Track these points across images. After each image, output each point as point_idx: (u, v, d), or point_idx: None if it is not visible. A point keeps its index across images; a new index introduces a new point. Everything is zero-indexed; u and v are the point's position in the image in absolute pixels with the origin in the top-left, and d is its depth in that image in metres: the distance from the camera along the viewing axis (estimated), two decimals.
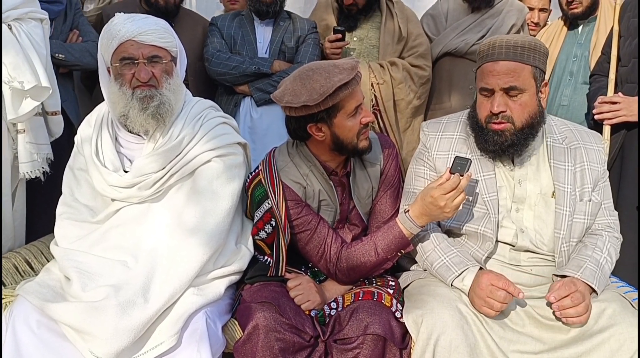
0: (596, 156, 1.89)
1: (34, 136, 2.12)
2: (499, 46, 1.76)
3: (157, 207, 1.88)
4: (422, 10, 3.31)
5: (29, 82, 1.95)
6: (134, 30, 1.79)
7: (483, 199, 1.83)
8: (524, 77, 1.74)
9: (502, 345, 1.65)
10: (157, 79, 1.84)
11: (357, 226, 2.01)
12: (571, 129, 1.93)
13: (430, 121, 2.06)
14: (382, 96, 2.89)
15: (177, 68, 1.94)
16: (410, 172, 2.02)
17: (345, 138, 1.83)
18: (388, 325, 1.69)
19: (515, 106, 1.75)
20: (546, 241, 1.81)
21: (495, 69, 1.75)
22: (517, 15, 3.02)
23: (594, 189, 1.86)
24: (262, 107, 2.84)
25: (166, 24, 1.92)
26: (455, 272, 1.75)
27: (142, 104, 1.81)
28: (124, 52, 1.81)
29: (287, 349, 1.66)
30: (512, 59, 1.74)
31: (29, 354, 1.58)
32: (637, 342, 1.59)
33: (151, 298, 1.66)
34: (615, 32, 2.56)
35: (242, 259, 1.92)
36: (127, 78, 1.82)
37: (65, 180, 1.98)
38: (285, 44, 2.87)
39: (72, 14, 2.76)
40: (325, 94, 1.72)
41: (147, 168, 1.84)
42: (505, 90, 1.74)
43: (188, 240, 1.78)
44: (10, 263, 1.92)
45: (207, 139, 1.90)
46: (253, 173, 1.96)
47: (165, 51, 1.87)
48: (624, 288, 1.92)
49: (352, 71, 1.76)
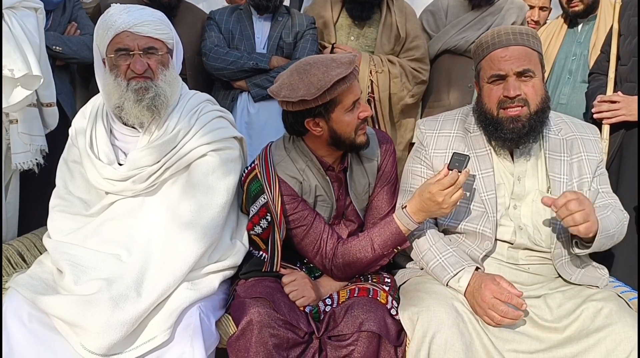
0: (593, 146, 1.89)
1: (27, 127, 2.11)
2: (505, 33, 1.77)
3: (152, 201, 1.87)
4: (421, 7, 3.31)
5: (19, 71, 1.95)
6: (129, 22, 1.78)
7: (481, 198, 1.82)
8: (534, 61, 1.77)
9: (498, 344, 1.64)
10: (153, 70, 1.82)
11: (353, 222, 2.00)
12: (566, 121, 1.93)
13: (427, 119, 2.05)
14: (379, 85, 2.88)
15: (174, 60, 1.92)
16: (407, 170, 2.01)
17: (343, 133, 1.82)
18: (383, 322, 1.68)
19: (528, 89, 1.76)
20: (544, 237, 1.80)
21: (506, 54, 1.75)
22: (517, 13, 3.03)
23: (592, 180, 1.85)
24: (260, 102, 2.84)
25: (162, 16, 1.90)
26: (450, 273, 1.74)
27: (137, 95, 1.79)
28: (120, 43, 1.79)
29: (281, 345, 1.65)
30: (522, 44, 1.76)
31: (20, 347, 1.57)
32: (632, 341, 1.59)
33: (144, 292, 1.65)
34: (615, 31, 2.55)
35: (237, 254, 1.91)
36: (122, 69, 1.80)
37: (59, 173, 1.96)
38: (284, 39, 2.86)
39: (70, 6, 2.76)
40: (323, 88, 1.71)
41: (142, 161, 1.83)
42: (518, 74, 1.75)
43: (182, 234, 1.77)
44: (3, 256, 1.90)
45: (202, 133, 1.89)
46: (249, 167, 1.95)
47: (162, 42, 1.85)
48: (620, 288, 1.91)
49: (350, 65, 1.75)
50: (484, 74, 1.81)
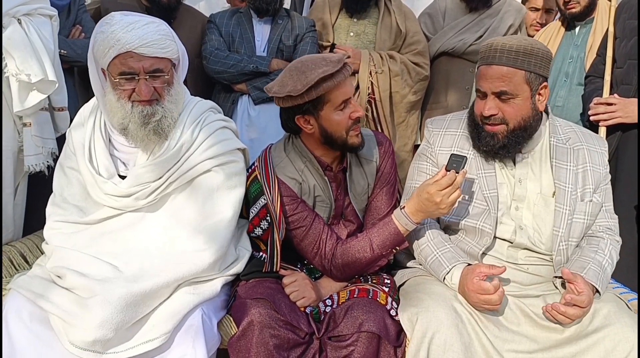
0: (599, 159, 1.90)
1: (40, 130, 2.15)
2: (494, 49, 1.76)
3: (152, 216, 1.83)
4: (420, 9, 3.32)
5: (35, 76, 1.99)
6: (134, 42, 1.66)
7: (483, 194, 1.84)
8: (515, 83, 1.74)
9: (497, 344, 1.65)
10: (159, 93, 1.75)
11: (352, 223, 2.01)
12: (575, 131, 1.94)
13: (435, 118, 2.07)
14: (379, 85, 2.89)
15: (179, 73, 1.85)
16: (413, 168, 2.04)
17: (333, 132, 1.83)
18: (383, 323, 1.69)
19: (508, 109, 1.76)
20: (544, 240, 1.81)
21: (488, 72, 1.76)
22: (515, 16, 3.03)
23: (595, 191, 1.86)
24: (260, 105, 2.84)
25: (166, 29, 1.78)
26: (446, 268, 1.76)
27: (143, 119, 1.73)
28: (124, 65, 1.69)
29: (281, 345, 1.66)
30: (505, 64, 1.73)
31: (22, 347, 1.57)
32: (631, 342, 1.60)
33: (139, 280, 1.64)
34: (611, 34, 2.57)
35: (241, 261, 1.91)
36: (126, 92, 1.72)
37: (56, 178, 1.92)
38: (284, 42, 2.88)
39: (75, 9, 2.75)
40: (307, 84, 1.73)
41: (145, 177, 1.79)
42: (496, 94, 1.76)
43: (187, 256, 1.75)
44: (5, 257, 1.92)
45: (206, 146, 1.85)
46: (249, 169, 1.96)
47: (167, 60, 1.76)
48: (619, 289, 1.92)
49: (338, 63, 1.77)
50: (475, 84, 1.85)
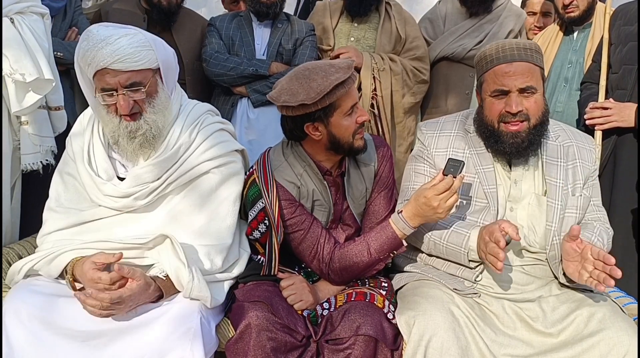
0: (588, 155, 1.92)
1: (37, 129, 2.14)
2: (510, 48, 1.79)
3: (149, 215, 1.85)
4: (420, 14, 3.32)
5: (30, 75, 1.97)
6: (107, 59, 1.66)
7: (484, 191, 1.85)
8: (536, 77, 1.78)
9: (494, 348, 1.66)
10: (140, 105, 1.76)
11: (350, 227, 2.01)
12: (564, 129, 1.96)
13: (428, 121, 2.09)
14: (382, 82, 2.90)
15: (163, 79, 1.81)
16: (409, 170, 2.04)
17: (341, 137, 1.84)
18: (380, 326, 1.69)
19: (530, 105, 1.78)
20: (538, 239, 1.82)
21: (510, 69, 1.77)
22: (515, 21, 3.03)
23: (584, 186, 1.88)
24: (259, 108, 2.85)
25: (143, 38, 1.74)
26: (465, 234, 1.78)
27: (129, 134, 1.76)
28: (101, 81, 1.71)
29: (278, 349, 1.67)
30: (526, 60, 1.77)
31: (20, 347, 1.57)
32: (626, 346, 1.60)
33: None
34: (606, 40, 2.59)
35: (242, 262, 1.93)
36: (111, 108, 1.75)
37: (53, 184, 1.92)
38: (283, 46, 2.89)
39: (71, 11, 2.76)
40: (322, 92, 1.73)
41: (144, 177, 1.81)
42: (521, 90, 1.77)
43: (190, 257, 1.76)
44: (4, 259, 1.91)
45: (204, 148, 1.87)
46: (247, 172, 1.97)
47: (147, 70, 1.74)
48: (615, 293, 1.93)
49: (349, 69, 1.78)
50: (487, 87, 1.83)
